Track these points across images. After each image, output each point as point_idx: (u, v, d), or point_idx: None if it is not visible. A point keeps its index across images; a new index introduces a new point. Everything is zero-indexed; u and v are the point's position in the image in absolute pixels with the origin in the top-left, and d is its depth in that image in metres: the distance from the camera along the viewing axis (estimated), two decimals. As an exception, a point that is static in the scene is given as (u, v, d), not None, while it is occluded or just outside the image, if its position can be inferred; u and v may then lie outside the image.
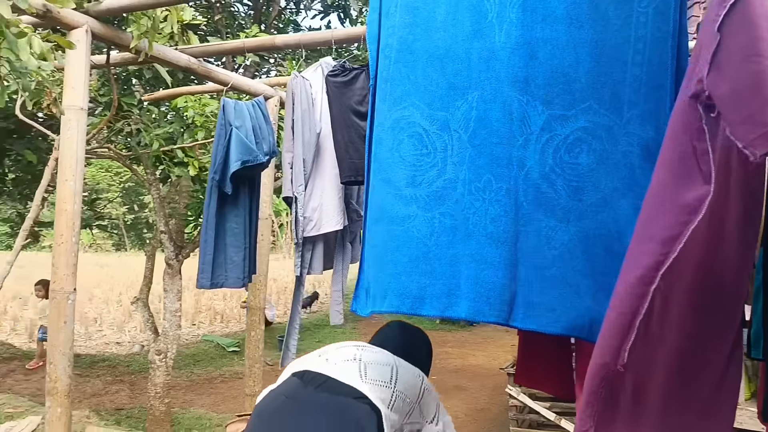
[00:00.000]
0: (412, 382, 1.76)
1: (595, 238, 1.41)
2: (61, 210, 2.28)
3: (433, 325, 9.99)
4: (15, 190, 6.71)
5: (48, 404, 2.24)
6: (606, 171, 1.41)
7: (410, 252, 1.56)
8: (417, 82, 1.62)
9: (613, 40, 1.40)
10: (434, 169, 1.57)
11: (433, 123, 1.58)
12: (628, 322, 1.12)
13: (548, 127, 1.43)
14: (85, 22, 2.32)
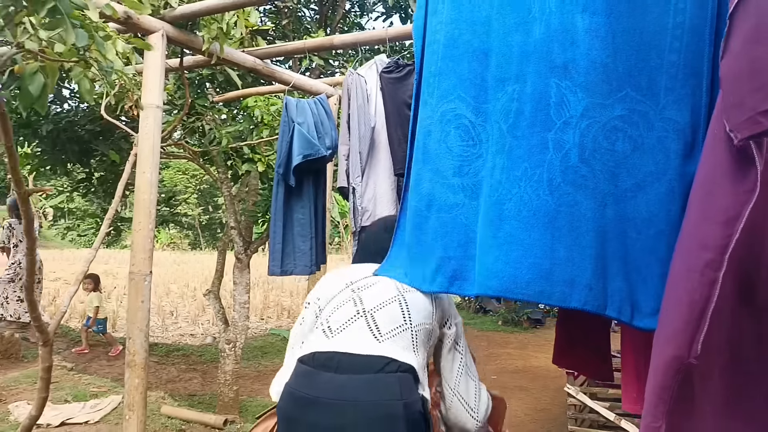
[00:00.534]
0: (423, 303, 1.62)
1: (629, 221, 1.43)
2: (138, 199, 2.51)
3: (495, 326, 9.91)
4: (100, 189, 7.22)
5: (127, 375, 2.47)
6: (641, 156, 1.43)
7: (458, 238, 1.65)
8: (463, 76, 1.69)
9: (652, 28, 1.42)
10: (480, 159, 1.64)
11: (478, 115, 1.65)
12: (700, 312, 1.05)
13: (587, 113, 1.46)
14: (161, 27, 2.54)
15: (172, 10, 2.57)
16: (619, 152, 1.45)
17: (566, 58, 1.49)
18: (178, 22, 2.63)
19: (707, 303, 1.04)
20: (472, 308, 11.05)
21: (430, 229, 1.71)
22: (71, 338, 7.06)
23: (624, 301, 1.43)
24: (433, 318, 1.61)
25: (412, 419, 1.38)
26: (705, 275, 1.05)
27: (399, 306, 1.57)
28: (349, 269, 1.79)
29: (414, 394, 1.43)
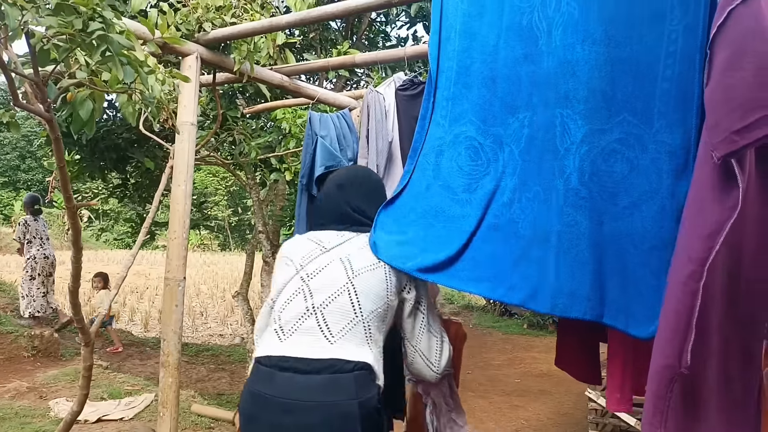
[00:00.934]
0: (375, 285, 1.59)
1: (626, 237, 1.55)
2: (174, 210, 2.70)
3: (520, 330, 9.94)
4: (135, 194, 7.52)
5: (161, 374, 2.65)
6: (637, 176, 1.54)
7: (463, 244, 1.79)
8: (474, 102, 1.84)
9: (646, 57, 1.52)
10: (486, 177, 1.79)
11: (487, 137, 1.80)
12: (686, 322, 1.11)
13: (587, 139, 1.59)
14: (196, 50, 2.73)
15: (206, 34, 2.75)
16: (617, 173, 1.57)
17: (567, 88, 1.62)
18: (211, 44, 2.81)
19: (691, 313, 1.10)
20: (497, 311, 11.08)
21: (435, 236, 1.84)
22: (106, 338, 7.34)
23: (620, 311, 1.55)
24: (387, 296, 1.59)
25: (367, 416, 1.41)
26: (687, 286, 1.12)
27: (349, 297, 1.53)
28: (310, 239, 1.73)
29: (370, 390, 1.46)
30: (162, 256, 18.28)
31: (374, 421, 1.45)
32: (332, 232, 1.73)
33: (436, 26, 1.96)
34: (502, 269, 1.72)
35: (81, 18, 1.47)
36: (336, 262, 1.60)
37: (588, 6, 1.60)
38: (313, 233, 1.76)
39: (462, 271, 1.76)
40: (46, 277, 6.84)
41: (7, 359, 5.66)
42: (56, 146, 1.77)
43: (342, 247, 1.66)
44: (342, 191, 1.80)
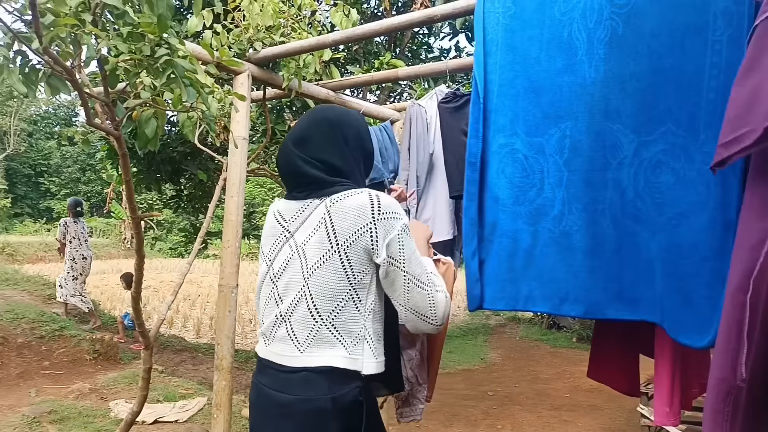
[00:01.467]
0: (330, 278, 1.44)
1: (675, 247, 1.57)
2: (227, 220, 2.84)
3: (569, 343, 9.73)
4: (189, 205, 7.83)
5: (215, 378, 2.78)
6: (683, 187, 1.56)
7: (520, 261, 1.86)
8: (517, 113, 1.89)
9: (690, 68, 1.54)
10: (534, 189, 1.84)
11: (530, 148, 1.85)
12: (736, 334, 1.09)
13: (638, 152, 1.63)
14: (247, 68, 2.87)
15: (257, 53, 2.90)
16: (663, 184, 1.59)
17: (618, 104, 1.66)
18: (262, 62, 2.96)
19: (740, 326, 1.08)
20: (545, 324, 10.89)
21: (494, 253, 1.92)
22: (161, 343, 7.63)
23: (672, 319, 1.58)
24: (349, 283, 1.45)
25: (342, 410, 1.41)
26: (735, 298, 1.11)
27: (306, 304, 1.45)
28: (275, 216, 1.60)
29: (344, 386, 1.43)
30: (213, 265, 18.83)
31: (353, 413, 1.44)
32: (294, 204, 1.54)
33: (480, 43, 2.02)
34: (564, 283, 1.78)
35: (149, 44, 1.60)
36: (295, 256, 1.49)
37: (631, 20, 1.63)
38: (281, 203, 1.61)
39: (529, 291, 1.84)
40: (81, 275, 7.42)
41: (71, 362, 5.98)
42: (123, 162, 1.91)
43: (301, 231, 1.50)
44: (299, 147, 1.54)
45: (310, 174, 1.50)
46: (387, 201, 1.44)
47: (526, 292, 1.85)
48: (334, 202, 1.45)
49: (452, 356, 8.71)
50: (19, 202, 30.60)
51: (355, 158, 1.57)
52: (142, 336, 2.64)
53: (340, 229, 1.42)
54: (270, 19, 2.81)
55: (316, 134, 1.54)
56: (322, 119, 1.56)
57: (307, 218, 1.50)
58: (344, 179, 1.51)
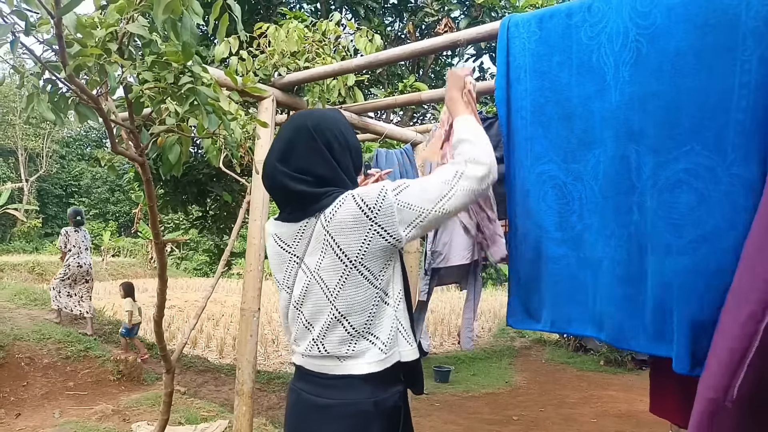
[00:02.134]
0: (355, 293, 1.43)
1: (692, 273, 1.51)
2: (250, 243, 2.84)
3: (597, 367, 9.51)
4: (214, 225, 7.91)
5: (236, 402, 2.75)
6: (707, 209, 1.50)
7: (565, 285, 1.86)
8: (552, 140, 1.87)
9: (717, 88, 1.49)
10: (574, 215, 1.82)
11: (568, 175, 1.83)
12: (738, 359, 1.11)
13: (654, 173, 1.59)
14: (272, 93, 2.90)
15: (281, 78, 2.92)
16: (682, 204, 1.54)
17: (640, 125, 1.62)
18: (286, 87, 2.98)
19: (746, 353, 1.10)
20: (572, 346, 10.68)
21: (542, 278, 1.92)
22: (183, 363, 7.66)
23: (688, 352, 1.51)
24: (372, 287, 1.44)
25: (384, 413, 1.45)
26: (746, 327, 1.11)
27: (341, 325, 1.45)
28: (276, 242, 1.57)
29: (386, 390, 1.47)
30: (237, 284, 18.95)
31: (393, 417, 1.47)
32: (291, 227, 1.51)
33: (502, 68, 2.00)
34: (597, 308, 1.76)
35: (173, 72, 1.61)
36: (312, 282, 1.47)
37: (656, 41, 1.59)
38: (277, 227, 1.56)
39: (569, 314, 1.84)
40: (76, 282, 7.50)
41: (95, 382, 6.03)
42: (147, 188, 1.93)
43: (309, 256, 1.48)
44: (283, 162, 1.49)
45: (298, 190, 1.46)
46: (370, 194, 1.41)
47: (567, 316, 1.86)
48: (328, 219, 1.42)
49: (476, 379, 8.57)
50: (50, 222, 31.34)
51: (343, 160, 1.52)
52: (164, 359, 2.64)
53: (346, 245, 1.41)
54: (295, 44, 2.84)
55: (299, 146, 1.49)
56: (302, 128, 1.50)
57: (309, 240, 1.48)
58: (332, 187, 1.46)
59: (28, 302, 8.31)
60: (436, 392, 7.73)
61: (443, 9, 6.13)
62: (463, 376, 8.69)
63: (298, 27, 3.01)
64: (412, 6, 6.84)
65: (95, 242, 28.13)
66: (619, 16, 1.68)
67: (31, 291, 9.19)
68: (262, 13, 6.30)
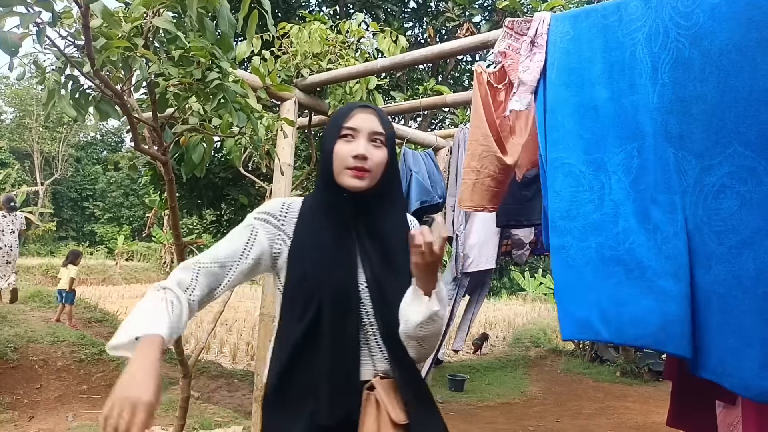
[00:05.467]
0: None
1: (733, 280, 1.44)
2: (270, 248, 2.78)
3: (612, 377, 9.36)
4: (229, 230, 7.88)
5: (254, 409, 2.69)
6: (748, 212, 1.43)
7: (570, 279, 1.74)
8: (571, 130, 1.81)
9: (762, 85, 1.43)
10: (590, 204, 1.73)
11: (588, 165, 1.76)
12: None
13: (701, 178, 1.52)
14: (294, 95, 2.85)
15: (304, 80, 2.87)
16: (725, 210, 1.48)
17: (682, 129, 1.56)
18: (308, 89, 2.93)
19: None
20: (587, 357, 10.51)
21: (554, 271, 1.83)
22: (197, 368, 7.62)
23: (726, 367, 1.45)
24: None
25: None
26: None
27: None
28: None
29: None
30: (250, 290, 18.93)
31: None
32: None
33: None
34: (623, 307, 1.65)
35: (200, 68, 1.56)
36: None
37: (699, 40, 1.54)
38: None
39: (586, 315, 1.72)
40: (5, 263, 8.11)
41: (108, 386, 5.99)
42: (169, 187, 1.88)
43: None
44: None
45: None
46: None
47: (585, 315, 1.73)
48: None
49: (491, 388, 8.45)
50: (64, 226, 31.57)
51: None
52: (181, 364, 2.58)
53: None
54: (318, 46, 2.79)
55: None
56: None
57: None
58: None
59: (42, 305, 8.33)
60: (450, 401, 7.62)
61: (464, 14, 6.07)
62: (477, 385, 8.57)
63: (321, 28, 2.97)
64: (432, 10, 6.79)
65: (109, 246, 28.34)
66: (658, 16, 1.64)
67: (45, 293, 9.21)
68: (280, 16, 6.27)
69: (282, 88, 2.15)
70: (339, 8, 6.40)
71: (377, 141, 1.30)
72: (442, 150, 3.71)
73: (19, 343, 5.91)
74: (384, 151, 1.31)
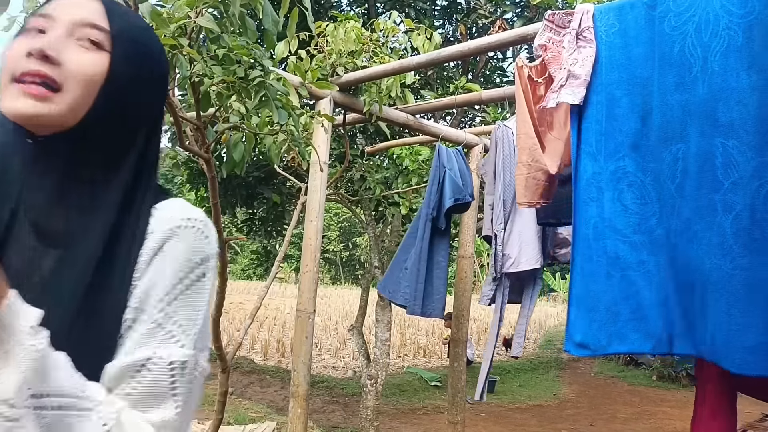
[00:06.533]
0: None
1: None
2: (306, 245, 2.81)
3: (649, 382, 9.17)
4: (261, 228, 7.98)
5: (291, 405, 2.72)
6: None
7: (647, 295, 1.70)
8: (628, 135, 1.76)
9: None
10: (654, 217, 1.70)
11: (646, 174, 1.72)
12: None
13: (758, 173, 1.45)
14: (329, 93, 2.87)
15: (339, 78, 2.89)
16: None
17: (732, 117, 1.49)
18: (343, 86, 2.95)
19: None
20: (622, 360, 10.32)
21: (617, 287, 1.76)
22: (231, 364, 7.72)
23: None
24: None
25: None
26: None
27: None
28: None
29: None
30: (279, 288, 19.17)
31: None
32: None
33: (577, 61, 1.91)
34: (677, 321, 1.63)
35: (243, 67, 1.59)
36: None
37: (754, 28, 1.49)
38: None
39: (638, 330, 1.69)
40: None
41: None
42: (212, 184, 1.91)
43: None
44: None
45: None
46: None
47: (647, 329, 1.70)
48: None
49: (522, 390, 8.37)
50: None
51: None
52: (220, 358, 2.63)
53: None
54: (353, 44, 2.80)
55: None
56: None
57: None
58: None
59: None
60: (481, 402, 7.57)
61: (497, 10, 6.02)
62: (508, 387, 8.50)
63: (356, 26, 2.98)
64: (463, 8, 6.75)
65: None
66: (708, 4, 1.59)
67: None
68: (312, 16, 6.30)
69: (323, 86, 2.17)
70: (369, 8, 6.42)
71: (89, 40, 0.70)
72: (476, 148, 3.69)
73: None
74: (99, 56, 0.70)
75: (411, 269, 3.33)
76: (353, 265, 28.59)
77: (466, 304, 3.83)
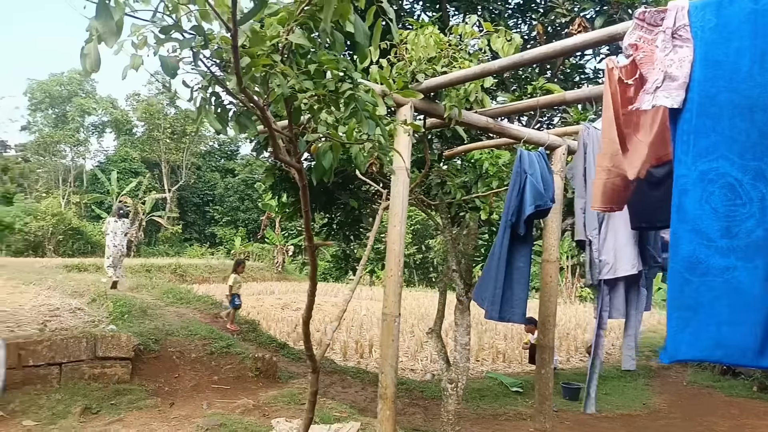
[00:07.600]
0: None
1: None
2: (390, 249, 2.86)
3: (749, 393, 8.56)
4: (339, 232, 8.16)
5: (379, 406, 2.78)
6: None
7: (733, 302, 1.63)
8: (724, 133, 1.68)
9: None
10: (752, 219, 1.61)
11: (746, 173, 1.63)
12: None
13: None
14: (410, 100, 2.91)
15: (419, 84, 2.93)
16: None
17: None
18: (423, 93, 2.98)
19: None
20: (718, 369, 9.69)
21: (694, 294, 1.70)
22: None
23: None
24: None
25: None
26: None
27: None
28: None
29: None
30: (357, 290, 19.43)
31: None
32: None
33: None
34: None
35: (333, 80, 1.66)
36: None
37: None
38: None
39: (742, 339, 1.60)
40: (116, 258, 10.01)
41: (236, 378, 6.43)
42: (303, 193, 2.00)
43: None
44: None
45: None
46: None
47: (738, 341, 1.61)
48: None
49: (609, 398, 8.05)
50: (189, 229, 34.23)
51: None
52: (310, 359, 2.73)
53: None
54: (433, 50, 2.83)
55: None
56: None
57: None
58: None
59: (175, 300, 9.10)
60: (565, 409, 7.36)
61: (575, 8, 5.84)
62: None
63: (435, 32, 3.01)
64: (539, 6, 6.60)
65: (227, 247, 30.38)
66: None
67: (177, 290, 10.06)
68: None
69: (408, 94, 2.21)
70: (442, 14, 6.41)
71: None
72: (559, 149, 3.61)
73: (159, 336, 6.51)
74: None
75: (489, 274, 3.31)
76: (426, 267, 28.57)
77: (552, 310, 3.75)
